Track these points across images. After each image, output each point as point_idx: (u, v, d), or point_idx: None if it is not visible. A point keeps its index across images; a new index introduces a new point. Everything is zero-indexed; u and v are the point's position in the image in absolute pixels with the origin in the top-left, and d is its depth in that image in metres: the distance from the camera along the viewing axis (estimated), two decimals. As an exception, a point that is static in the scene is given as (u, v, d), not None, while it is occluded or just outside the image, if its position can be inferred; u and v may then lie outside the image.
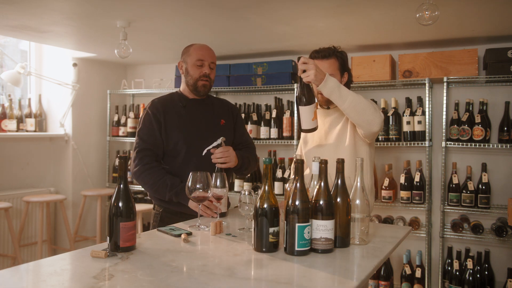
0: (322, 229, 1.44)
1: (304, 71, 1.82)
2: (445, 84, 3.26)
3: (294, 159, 1.50)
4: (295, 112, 3.73)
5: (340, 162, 1.55)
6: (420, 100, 3.43)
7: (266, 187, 1.45)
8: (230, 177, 2.59)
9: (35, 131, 4.18)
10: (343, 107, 1.88)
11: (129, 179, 4.45)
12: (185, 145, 2.12)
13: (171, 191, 2.03)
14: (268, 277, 1.22)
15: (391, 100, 3.48)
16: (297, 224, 1.40)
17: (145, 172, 2.08)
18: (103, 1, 2.51)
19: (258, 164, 2.43)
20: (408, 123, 3.37)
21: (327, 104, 2.15)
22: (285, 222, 1.43)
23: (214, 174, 1.82)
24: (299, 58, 1.84)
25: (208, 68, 2.17)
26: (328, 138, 2.12)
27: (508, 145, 3.10)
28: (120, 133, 4.56)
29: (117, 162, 3.44)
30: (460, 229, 3.21)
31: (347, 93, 1.86)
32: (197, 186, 1.72)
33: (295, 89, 3.70)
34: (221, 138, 2.05)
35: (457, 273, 3.19)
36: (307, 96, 1.88)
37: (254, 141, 3.86)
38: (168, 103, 2.21)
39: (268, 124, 3.88)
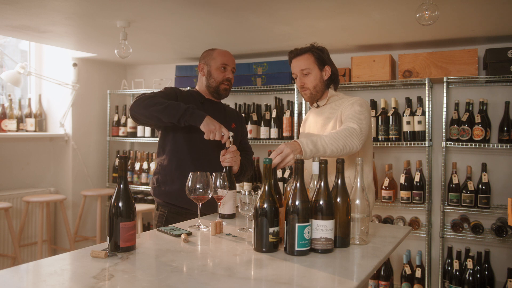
0: (322, 229, 1.44)
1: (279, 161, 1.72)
2: (445, 84, 3.26)
3: (294, 159, 1.50)
4: (295, 112, 3.73)
5: (340, 162, 1.55)
6: (420, 100, 3.42)
7: (266, 187, 1.45)
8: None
9: (35, 131, 4.18)
10: (327, 155, 1.82)
11: (129, 179, 4.46)
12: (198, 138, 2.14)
13: (184, 106, 2.00)
14: (268, 277, 1.22)
15: (391, 100, 3.48)
16: (297, 224, 1.40)
17: (152, 96, 2.07)
18: (103, 1, 2.51)
19: (253, 168, 2.46)
20: (408, 123, 3.37)
21: (314, 102, 2.17)
22: (285, 222, 1.43)
23: (222, 173, 1.83)
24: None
25: (230, 72, 2.28)
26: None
27: (508, 145, 3.10)
28: (120, 133, 4.57)
29: (117, 162, 3.43)
30: (460, 229, 3.21)
31: (323, 142, 1.79)
32: (197, 186, 1.73)
33: (295, 89, 3.70)
34: (231, 133, 2.03)
35: (457, 273, 3.19)
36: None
37: (254, 141, 3.90)
38: (188, 95, 2.27)
39: (268, 124, 3.88)
